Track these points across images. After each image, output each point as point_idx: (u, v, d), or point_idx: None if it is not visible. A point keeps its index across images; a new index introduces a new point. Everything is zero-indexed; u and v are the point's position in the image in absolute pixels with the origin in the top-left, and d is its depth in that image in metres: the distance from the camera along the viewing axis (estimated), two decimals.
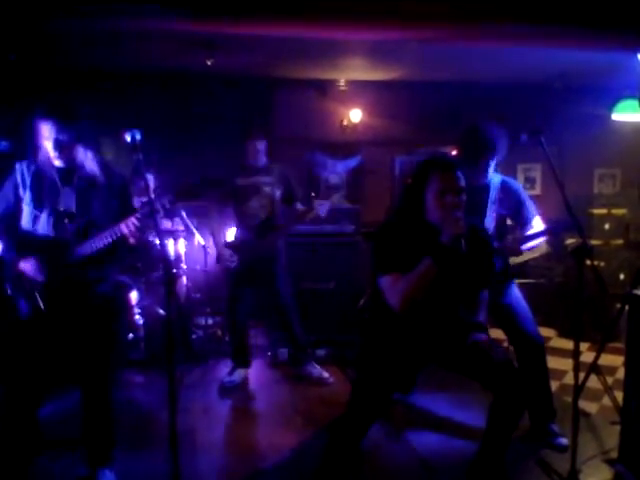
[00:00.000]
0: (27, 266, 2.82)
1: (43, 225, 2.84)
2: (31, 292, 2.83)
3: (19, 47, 4.88)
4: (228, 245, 4.54)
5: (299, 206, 4.62)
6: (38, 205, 2.84)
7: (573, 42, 4.86)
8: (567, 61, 5.55)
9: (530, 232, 3.39)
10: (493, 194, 3.46)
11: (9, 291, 2.85)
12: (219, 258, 4.56)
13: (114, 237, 2.82)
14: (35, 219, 2.84)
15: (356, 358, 2.93)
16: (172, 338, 2.53)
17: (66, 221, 2.84)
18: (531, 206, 3.49)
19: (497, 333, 3.83)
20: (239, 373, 4.64)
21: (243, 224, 4.54)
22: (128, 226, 2.82)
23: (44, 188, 2.84)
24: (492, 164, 3.42)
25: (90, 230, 2.86)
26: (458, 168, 2.59)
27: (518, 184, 3.62)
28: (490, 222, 3.43)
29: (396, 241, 2.60)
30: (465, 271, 2.66)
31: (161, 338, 4.84)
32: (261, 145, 4.51)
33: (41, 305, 2.82)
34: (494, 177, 3.49)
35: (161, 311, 5.05)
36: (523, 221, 3.48)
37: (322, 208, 4.36)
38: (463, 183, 2.57)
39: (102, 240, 2.83)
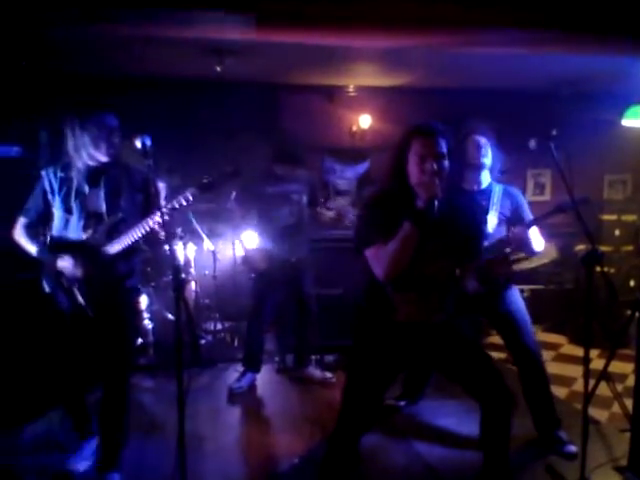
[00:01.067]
0: (65, 264, 2.97)
1: (74, 228, 2.99)
2: (70, 288, 2.99)
3: (29, 54, 4.92)
4: (257, 250, 4.55)
5: (324, 210, 4.62)
6: (68, 209, 2.99)
7: (582, 48, 4.84)
8: (576, 67, 5.54)
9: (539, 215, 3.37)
10: (495, 197, 3.49)
11: (47, 288, 3.05)
12: (248, 261, 4.65)
13: (144, 232, 2.95)
14: (66, 223, 3.00)
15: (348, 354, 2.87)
16: (181, 343, 2.54)
17: (95, 222, 2.99)
18: (529, 213, 3.52)
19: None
20: (248, 378, 4.64)
21: (273, 230, 4.53)
22: (155, 221, 2.92)
23: (72, 192, 2.99)
24: (487, 158, 3.44)
25: (120, 227, 3.00)
26: (440, 134, 2.53)
27: (520, 193, 3.64)
28: (493, 222, 3.44)
29: (379, 211, 2.57)
30: (439, 236, 2.57)
31: (170, 343, 4.85)
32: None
33: (80, 300, 2.98)
34: (495, 186, 3.54)
35: (170, 316, 5.07)
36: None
37: (350, 213, 4.44)
38: (444, 149, 2.51)
39: (132, 236, 2.96)
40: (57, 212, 3.01)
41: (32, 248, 3.06)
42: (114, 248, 2.97)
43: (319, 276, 5.18)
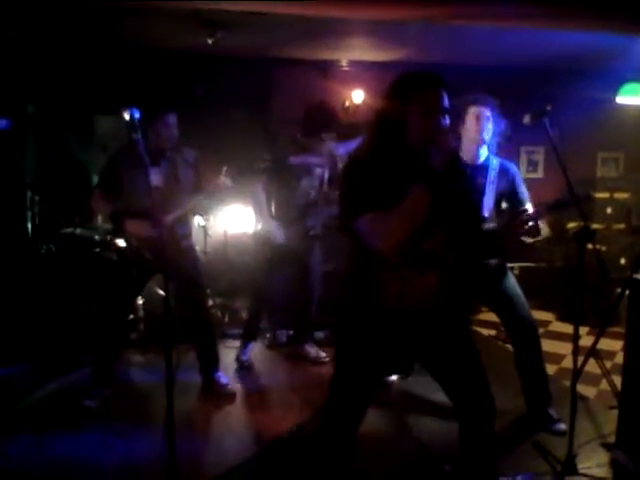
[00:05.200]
0: (133, 225, 3.68)
1: (139, 199, 3.54)
2: (139, 246, 3.70)
3: (18, 25, 4.83)
4: (275, 221, 4.41)
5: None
6: (133, 184, 3.60)
7: (577, 24, 4.80)
8: (571, 43, 5.48)
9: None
10: (492, 174, 3.44)
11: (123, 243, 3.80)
12: (267, 235, 4.42)
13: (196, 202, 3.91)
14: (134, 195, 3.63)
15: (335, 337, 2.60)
16: (171, 319, 2.53)
17: (156, 195, 3.51)
18: (525, 190, 3.49)
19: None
20: (250, 348, 4.70)
21: (291, 203, 4.42)
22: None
23: (140, 170, 3.43)
24: (488, 132, 3.39)
25: (176, 199, 3.75)
26: (444, 87, 2.23)
27: (515, 167, 3.59)
28: (489, 201, 3.41)
29: (372, 173, 2.16)
30: (440, 202, 2.19)
31: (160, 318, 4.84)
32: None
33: (147, 255, 3.67)
34: (493, 159, 3.49)
35: (160, 292, 5.05)
36: (518, 203, 3.46)
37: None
38: (447, 104, 2.22)
39: (187, 205, 3.85)
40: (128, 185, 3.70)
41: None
42: (171, 216, 3.73)
43: None
